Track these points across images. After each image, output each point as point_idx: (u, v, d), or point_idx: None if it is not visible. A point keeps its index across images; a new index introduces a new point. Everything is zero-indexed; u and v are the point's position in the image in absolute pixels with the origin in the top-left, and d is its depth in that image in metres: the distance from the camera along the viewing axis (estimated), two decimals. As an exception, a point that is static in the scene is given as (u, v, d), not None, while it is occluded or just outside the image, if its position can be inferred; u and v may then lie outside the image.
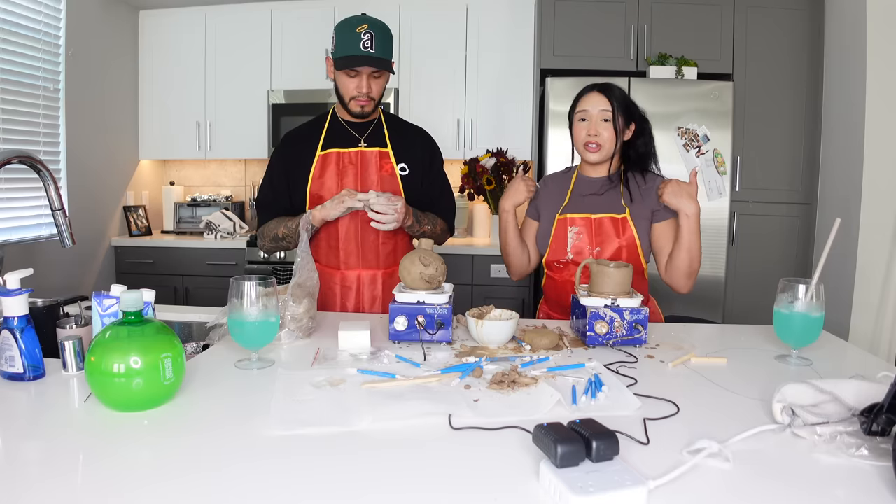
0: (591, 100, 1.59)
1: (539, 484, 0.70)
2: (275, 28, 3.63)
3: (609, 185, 1.64)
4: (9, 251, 2.76)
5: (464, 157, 3.54)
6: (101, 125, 3.47)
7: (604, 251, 1.59)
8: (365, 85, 1.62)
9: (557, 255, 1.62)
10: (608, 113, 1.57)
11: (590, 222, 1.61)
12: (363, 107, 1.65)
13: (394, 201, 1.58)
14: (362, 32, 1.56)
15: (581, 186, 1.67)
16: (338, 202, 1.59)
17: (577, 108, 1.62)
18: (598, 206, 1.62)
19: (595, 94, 1.59)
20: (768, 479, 0.73)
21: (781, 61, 3.17)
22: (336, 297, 1.74)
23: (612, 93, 1.59)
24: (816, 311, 1.17)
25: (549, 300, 1.72)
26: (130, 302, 0.93)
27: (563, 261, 1.62)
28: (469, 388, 1.03)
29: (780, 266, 3.24)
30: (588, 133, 1.59)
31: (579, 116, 1.61)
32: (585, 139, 1.59)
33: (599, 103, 1.58)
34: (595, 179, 1.67)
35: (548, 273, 1.69)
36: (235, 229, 3.69)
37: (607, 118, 1.57)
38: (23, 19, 2.85)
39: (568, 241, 1.61)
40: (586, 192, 1.65)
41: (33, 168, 1.37)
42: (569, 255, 1.61)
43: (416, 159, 1.75)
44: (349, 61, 1.58)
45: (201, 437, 0.84)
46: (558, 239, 1.62)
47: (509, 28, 3.50)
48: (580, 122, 1.61)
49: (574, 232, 1.61)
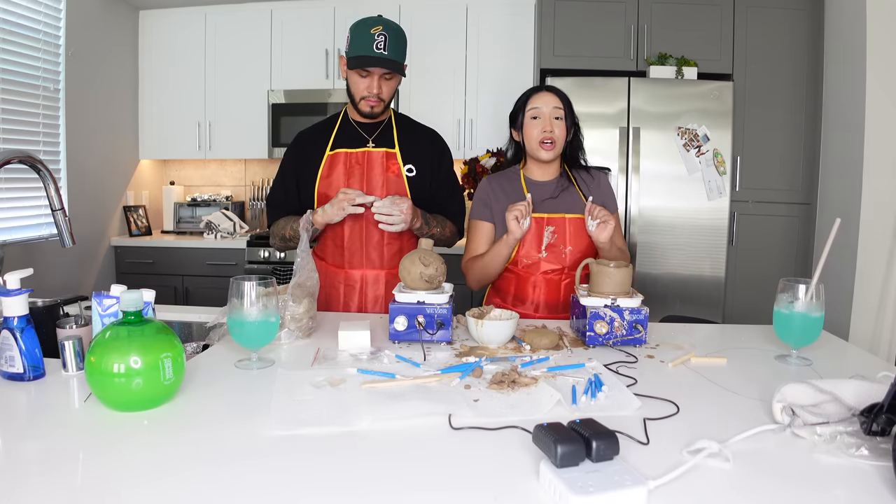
0: (543, 98, 1.61)
1: (539, 484, 0.70)
2: (275, 28, 3.63)
3: (562, 186, 1.66)
4: (9, 251, 2.76)
5: (464, 157, 3.54)
6: (101, 125, 3.47)
7: (574, 251, 1.61)
8: (375, 85, 1.63)
9: (529, 253, 1.62)
10: (560, 111, 1.60)
11: (564, 222, 1.62)
12: (373, 107, 1.67)
13: (399, 203, 1.58)
14: (376, 34, 1.58)
15: (534, 190, 1.65)
16: (338, 209, 1.60)
17: (529, 107, 1.62)
18: (561, 207, 1.63)
19: (546, 93, 1.62)
20: (768, 479, 0.73)
21: (781, 61, 3.17)
22: (339, 296, 1.75)
23: (560, 92, 1.63)
24: (816, 311, 1.17)
25: (505, 293, 1.68)
26: (130, 302, 0.93)
27: (535, 258, 1.62)
28: (469, 388, 1.03)
29: (780, 266, 3.24)
30: (543, 130, 1.60)
31: (531, 115, 1.61)
32: (541, 136, 1.60)
33: (551, 101, 1.60)
34: (545, 182, 1.67)
35: (509, 268, 1.65)
36: (235, 229, 3.69)
37: (559, 116, 1.60)
38: (23, 19, 2.85)
39: (543, 240, 1.61)
40: (542, 196, 1.65)
41: (33, 168, 1.37)
42: (543, 253, 1.61)
43: (425, 161, 1.76)
44: (361, 61, 1.59)
45: (201, 437, 0.84)
46: (533, 238, 1.61)
47: (509, 28, 3.50)
48: (532, 119, 1.61)
49: (550, 231, 1.61)
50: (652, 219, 3.08)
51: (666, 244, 3.10)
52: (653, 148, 3.07)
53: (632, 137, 3.06)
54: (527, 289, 1.64)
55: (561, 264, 1.61)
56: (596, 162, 1.80)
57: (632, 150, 3.07)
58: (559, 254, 1.61)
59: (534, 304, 1.64)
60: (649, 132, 3.06)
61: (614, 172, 3.07)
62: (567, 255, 1.61)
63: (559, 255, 1.61)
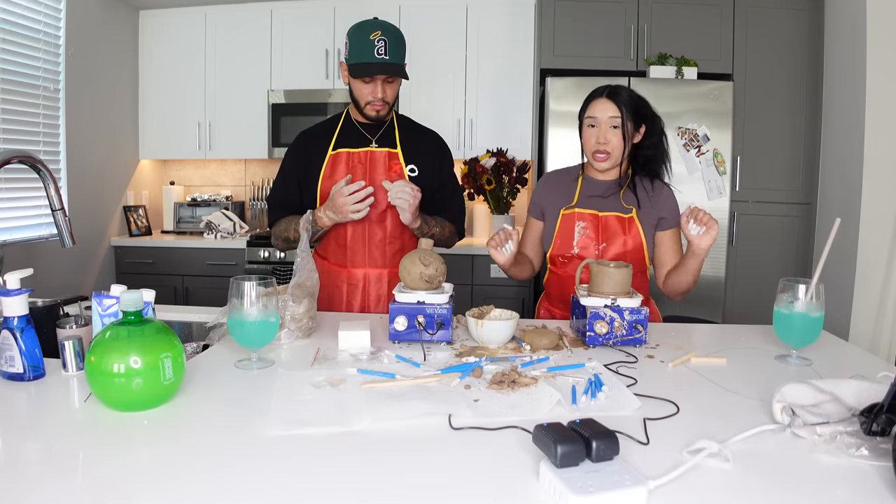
0: (600, 106, 1.57)
1: (539, 484, 0.70)
2: (275, 28, 3.63)
3: (615, 189, 1.64)
4: (9, 251, 2.76)
5: (464, 157, 3.54)
6: (101, 125, 3.47)
7: (609, 248, 1.59)
8: (379, 90, 1.64)
9: (562, 249, 1.62)
10: (617, 120, 1.55)
11: (596, 219, 1.61)
12: (378, 111, 1.67)
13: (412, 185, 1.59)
14: (376, 39, 1.58)
15: (588, 188, 1.66)
16: (340, 216, 1.60)
17: (586, 114, 1.60)
18: (603, 205, 1.62)
19: (603, 100, 1.57)
20: (768, 479, 0.73)
21: (781, 61, 3.17)
22: (342, 295, 1.75)
23: (620, 98, 1.56)
24: (816, 311, 1.17)
25: (551, 296, 1.71)
26: (130, 302, 0.93)
27: (569, 255, 1.61)
28: (469, 388, 1.03)
29: (780, 266, 3.24)
30: (597, 141, 1.57)
31: (588, 122, 1.59)
32: (595, 147, 1.58)
33: (608, 110, 1.56)
34: (601, 182, 1.66)
35: (551, 268, 1.68)
36: (235, 229, 3.69)
37: (616, 125, 1.56)
38: (23, 19, 2.84)
39: (574, 236, 1.61)
40: (593, 193, 1.65)
41: (33, 168, 1.37)
42: (574, 249, 1.60)
43: (427, 162, 1.76)
44: (364, 69, 1.59)
45: (201, 437, 0.84)
46: (564, 233, 1.62)
47: (509, 28, 3.50)
48: (589, 128, 1.59)
49: (581, 227, 1.61)
50: (652, 219, 3.07)
51: (666, 244, 3.09)
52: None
53: (632, 137, 3.06)
54: (570, 289, 1.61)
55: None
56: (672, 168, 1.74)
57: (632, 150, 3.07)
58: (593, 251, 1.59)
59: None
60: (649, 132, 3.06)
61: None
62: (601, 252, 1.59)
63: (592, 250, 1.59)
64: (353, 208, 1.58)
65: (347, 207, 1.58)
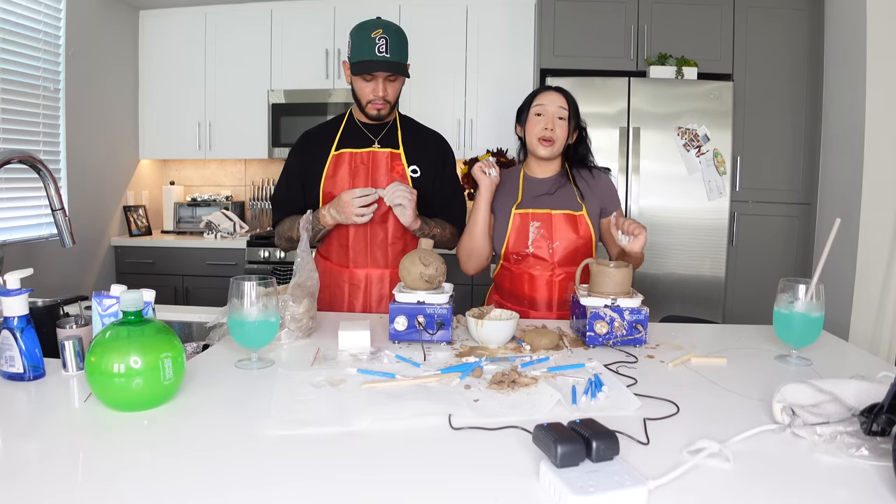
0: (550, 97, 1.64)
1: (539, 484, 0.70)
2: (275, 28, 3.63)
3: (559, 184, 1.68)
4: (9, 251, 2.76)
5: (464, 157, 3.54)
6: (101, 125, 3.47)
7: (562, 246, 1.63)
8: (381, 89, 1.64)
9: (517, 247, 1.65)
10: (564, 112, 1.62)
11: (549, 218, 1.64)
12: (379, 110, 1.68)
13: (407, 187, 1.60)
14: (377, 37, 1.59)
15: (530, 186, 1.70)
16: (344, 217, 1.61)
17: (534, 104, 1.65)
18: (553, 203, 1.65)
19: (553, 92, 1.65)
20: (768, 479, 0.73)
21: (781, 61, 3.17)
22: (344, 296, 1.75)
23: (568, 94, 1.65)
24: (816, 311, 1.17)
25: (502, 290, 1.74)
26: (130, 302, 0.93)
27: (524, 253, 1.65)
28: (469, 388, 1.03)
29: (780, 266, 3.24)
30: (545, 127, 1.62)
31: (535, 111, 1.64)
32: (541, 133, 1.62)
33: (557, 101, 1.63)
34: (543, 179, 1.70)
35: (504, 265, 1.71)
36: (235, 229, 3.69)
37: (563, 116, 1.62)
38: (23, 19, 2.84)
39: (529, 235, 1.64)
40: (538, 192, 1.68)
41: (33, 168, 1.37)
42: (529, 248, 1.64)
43: (429, 162, 1.76)
44: (366, 66, 1.60)
45: (201, 437, 0.84)
46: (520, 232, 1.65)
47: (509, 28, 3.50)
48: (536, 116, 1.64)
49: (535, 227, 1.64)
50: (652, 219, 3.08)
51: (666, 244, 3.10)
52: (653, 148, 3.07)
53: (632, 137, 3.07)
54: (521, 285, 1.66)
55: (549, 259, 1.63)
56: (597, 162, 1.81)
57: (632, 151, 3.07)
58: (546, 249, 1.63)
59: (528, 301, 1.65)
60: (649, 132, 3.06)
61: (614, 172, 3.07)
62: (555, 251, 1.63)
63: (546, 249, 1.63)
64: (359, 211, 1.58)
65: (352, 209, 1.58)
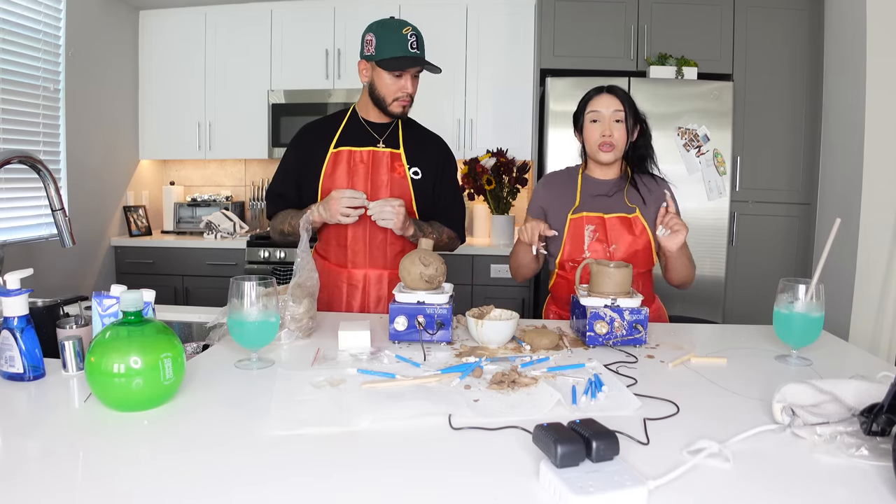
0: (603, 101, 1.60)
1: (539, 484, 0.70)
2: (275, 28, 3.63)
3: (618, 187, 1.65)
4: (9, 251, 2.76)
5: (464, 157, 3.54)
6: (101, 125, 3.47)
7: (620, 249, 1.59)
8: (410, 85, 1.64)
9: (573, 254, 1.62)
10: (620, 113, 1.59)
11: (602, 221, 1.61)
12: (404, 107, 1.67)
13: (390, 201, 1.59)
14: (408, 34, 1.59)
15: (589, 188, 1.67)
16: (329, 215, 1.60)
17: (588, 110, 1.62)
18: (608, 206, 1.63)
19: (606, 95, 1.61)
20: (768, 479, 0.73)
21: (781, 61, 3.17)
22: (342, 296, 1.75)
23: (621, 94, 1.61)
24: (816, 311, 1.17)
25: (560, 300, 1.70)
26: (130, 302, 0.93)
27: (580, 259, 1.61)
28: (469, 388, 1.03)
29: (780, 266, 3.24)
30: (602, 133, 1.59)
31: (591, 118, 1.61)
32: (600, 140, 1.59)
33: (612, 104, 1.59)
34: (604, 181, 1.67)
35: (559, 273, 1.67)
36: (235, 229, 3.68)
37: (619, 119, 1.59)
38: (23, 19, 2.84)
39: (585, 240, 1.61)
40: (596, 193, 1.66)
41: (33, 168, 1.37)
42: (586, 253, 1.61)
43: (430, 164, 1.76)
44: (401, 62, 1.59)
45: (201, 437, 0.84)
46: (575, 238, 1.62)
47: (509, 28, 3.50)
48: (592, 122, 1.61)
49: (590, 230, 1.61)
50: (652, 219, 3.07)
51: (666, 244, 3.10)
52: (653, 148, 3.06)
53: (632, 137, 3.06)
54: None
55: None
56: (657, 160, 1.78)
57: (632, 150, 3.07)
58: (604, 252, 1.60)
59: None
60: (649, 132, 3.06)
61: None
62: (612, 254, 1.59)
63: (604, 253, 1.60)
64: (345, 211, 1.58)
65: (339, 207, 1.57)
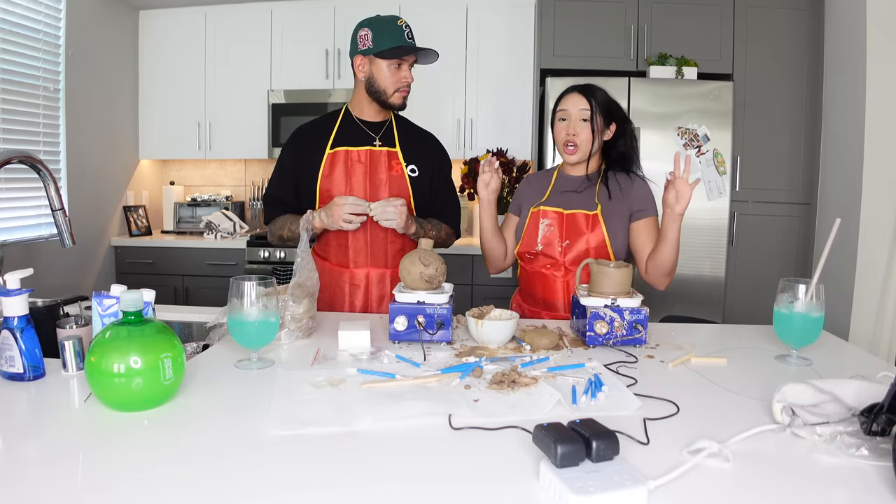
0: (571, 100, 1.63)
1: (539, 484, 0.70)
2: (275, 28, 3.63)
3: (587, 184, 1.67)
4: (9, 251, 2.76)
5: (464, 157, 3.54)
6: (101, 125, 3.47)
7: (573, 245, 1.61)
8: (409, 74, 1.66)
9: (528, 246, 1.66)
10: (586, 112, 1.60)
11: (561, 216, 1.63)
12: (405, 97, 1.69)
13: (393, 201, 1.59)
14: (403, 25, 1.63)
15: (561, 184, 1.71)
16: (331, 221, 1.60)
17: (558, 108, 1.65)
18: (572, 202, 1.65)
19: (575, 94, 1.63)
20: (768, 479, 0.73)
21: (781, 61, 3.17)
22: (344, 295, 1.75)
23: (591, 93, 1.62)
24: (816, 311, 1.17)
25: (521, 291, 1.75)
26: (130, 302, 0.93)
27: (533, 252, 1.65)
28: (469, 388, 1.03)
29: (780, 266, 3.24)
30: (567, 133, 1.62)
31: (559, 116, 1.65)
32: (564, 139, 1.63)
33: (578, 103, 1.61)
34: (574, 178, 1.70)
35: (521, 265, 1.72)
36: (235, 229, 3.69)
37: (585, 118, 1.61)
38: (23, 19, 2.84)
39: (539, 233, 1.64)
40: (565, 188, 1.69)
41: (33, 168, 1.37)
42: (538, 245, 1.64)
43: (426, 163, 1.77)
44: (401, 50, 1.61)
45: (201, 437, 0.84)
46: (530, 231, 1.66)
47: (509, 28, 3.50)
48: (560, 121, 1.64)
49: (545, 224, 1.64)
50: (652, 219, 3.08)
51: (666, 244, 3.10)
52: (653, 148, 3.06)
53: (632, 137, 3.06)
54: (534, 285, 1.67)
55: (559, 258, 1.62)
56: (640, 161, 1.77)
57: (632, 150, 3.07)
58: (556, 248, 1.62)
59: (542, 301, 1.65)
60: (649, 132, 3.06)
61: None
62: (564, 249, 1.61)
63: (555, 247, 1.62)
64: (347, 218, 1.58)
65: (341, 214, 1.58)
